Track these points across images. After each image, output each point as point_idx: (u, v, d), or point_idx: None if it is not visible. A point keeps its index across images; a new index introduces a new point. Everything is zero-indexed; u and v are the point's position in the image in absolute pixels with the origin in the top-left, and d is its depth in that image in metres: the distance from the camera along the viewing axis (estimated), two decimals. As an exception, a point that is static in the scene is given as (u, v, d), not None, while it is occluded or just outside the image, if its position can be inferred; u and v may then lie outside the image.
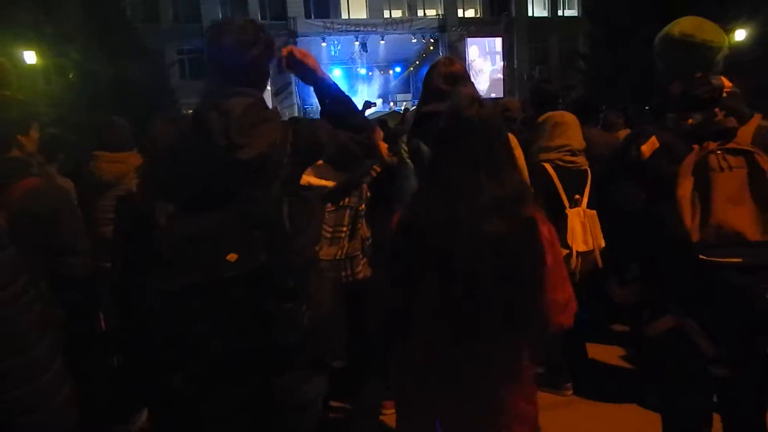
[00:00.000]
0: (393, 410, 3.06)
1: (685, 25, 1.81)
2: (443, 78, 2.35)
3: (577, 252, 2.99)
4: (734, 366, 1.66)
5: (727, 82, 1.71)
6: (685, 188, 1.58)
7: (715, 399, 1.81)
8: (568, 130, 3.07)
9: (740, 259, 1.53)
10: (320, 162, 1.82)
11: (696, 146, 1.63)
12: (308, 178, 1.82)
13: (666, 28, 1.85)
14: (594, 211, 3.04)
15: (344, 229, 2.57)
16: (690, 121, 1.68)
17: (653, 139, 1.72)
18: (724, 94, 1.68)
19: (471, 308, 1.46)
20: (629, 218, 1.81)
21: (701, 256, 1.55)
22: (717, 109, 1.65)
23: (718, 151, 1.59)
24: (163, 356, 1.57)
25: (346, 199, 2.59)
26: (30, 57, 13.14)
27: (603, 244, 2.99)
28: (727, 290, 1.54)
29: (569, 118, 3.11)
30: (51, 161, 3.46)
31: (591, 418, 3.02)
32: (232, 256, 1.32)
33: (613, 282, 1.95)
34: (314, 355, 1.55)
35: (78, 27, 14.71)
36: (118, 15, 17.76)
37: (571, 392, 3.23)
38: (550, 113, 3.18)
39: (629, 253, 1.88)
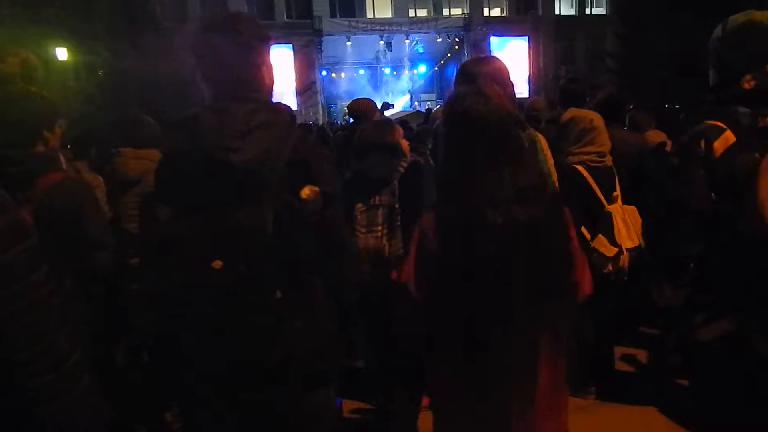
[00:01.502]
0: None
1: (755, 14, 1.72)
2: (463, 77, 2.33)
3: (626, 249, 2.95)
4: None
5: None
6: (767, 188, 1.49)
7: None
8: (599, 137, 3.01)
9: None
10: None
11: None
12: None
13: (745, 15, 1.75)
14: (633, 207, 3.00)
15: (379, 228, 2.51)
16: None
17: (727, 134, 1.63)
18: None
19: (507, 296, 1.45)
20: (694, 218, 1.72)
21: None
22: None
23: None
24: (162, 360, 1.56)
25: (377, 198, 2.54)
26: (62, 53, 13.47)
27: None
28: None
29: (598, 123, 3.05)
30: (81, 157, 3.52)
31: (614, 422, 2.97)
32: (217, 263, 1.29)
33: (665, 284, 1.89)
34: (317, 371, 1.50)
35: (108, 25, 15.03)
36: (148, 14, 18.08)
37: (594, 396, 3.18)
38: (575, 114, 3.11)
39: (687, 254, 1.81)
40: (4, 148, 1.86)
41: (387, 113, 8.82)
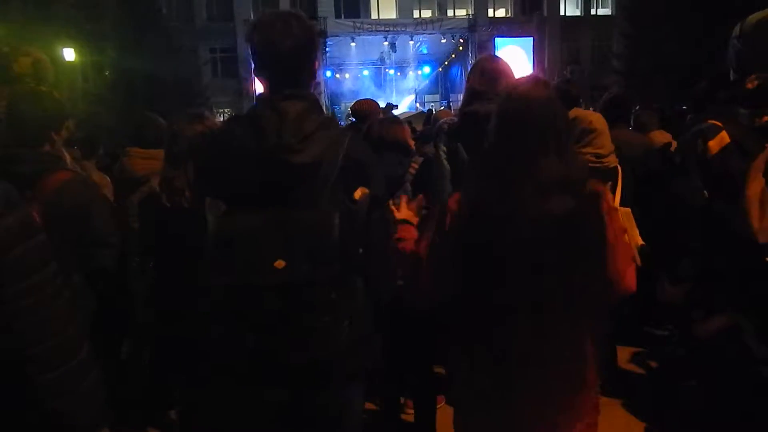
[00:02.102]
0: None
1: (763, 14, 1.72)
2: (486, 77, 2.29)
3: None
4: None
5: None
6: (755, 188, 1.52)
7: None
8: (598, 138, 3.00)
9: None
10: None
11: None
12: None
13: (762, 14, 1.75)
14: (628, 209, 2.98)
15: None
16: (766, 118, 1.61)
17: (723, 134, 1.66)
18: None
19: (537, 290, 1.43)
20: (689, 214, 1.75)
21: (767, 259, 1.50)
22: None
23: None
24: (196, 357, 1.57)
25: (391, 201, 2.50)
26: (69, 54, 13.54)
27: (640, 242, 2.93)
28: None
29: (599, 125, 3.02)
30: (89, 156, 3.55)
31: (617, 420, 2.97)
32: (279, 263, 1.31)
33: (663, 280, 1.90)
34: (353, 369, 1.51)
35: (115, 26, 15.12)
36: (154, 14, 18.16)
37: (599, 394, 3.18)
38: (577, 113, 3.10)
39: (684, 250, 1.82)
40: (13, 146, 1.88)
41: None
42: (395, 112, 14.99)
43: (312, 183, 1.39)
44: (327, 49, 26.92)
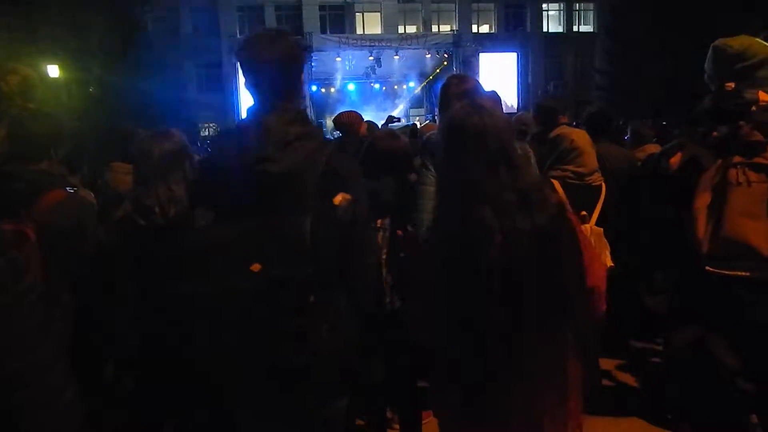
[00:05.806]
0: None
1: (728, 38, 1.82)
2: (452, 97, 2.36)
3: None
4: (760, 380, 1.63)
5: (764, 96, 1.68)
6: (702, 200, 1.61)
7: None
8: (579, 157, 3.04)
9: (748, 273, 1.54)
10: None
11: (720, 160, 1.64)
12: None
13: (719, 41, 1.86)
14: (600, 229, 3.01)
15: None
16: (715, 134, 1.69)
17: (681, 151, 1.76)
18: (754, 108, 1.66)
19: (514, 309, 1.43)
20: (657, 228, 1.83)
21: (707, 268, 1.58)
22: (742, 123, 1.64)
23: (739, 166, 1.60)
24: (178, 365, 1.58)
25: (378, 221, 2.41)
26: (53, 71, 13.46)
27: (609, 263, 2.96)
28: (735, 303, 1.55)
29: (581, 143, 3.07)
30: (74, 173, 3.52)
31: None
32: (255, 266, 1.36)
33: (643, 291, 1.97)
34: (334, 376, 1.52)
35: (100, 42, 15.06)
36: (139, 29, 18.13)
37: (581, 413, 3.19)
38: (561, 132, 3.15)
39: (655, 262, 1.90)
40: (10, 163, 1.88)
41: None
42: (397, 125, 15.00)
43: (289, 191, 1.45)
44: (313, 63, 27.05)
